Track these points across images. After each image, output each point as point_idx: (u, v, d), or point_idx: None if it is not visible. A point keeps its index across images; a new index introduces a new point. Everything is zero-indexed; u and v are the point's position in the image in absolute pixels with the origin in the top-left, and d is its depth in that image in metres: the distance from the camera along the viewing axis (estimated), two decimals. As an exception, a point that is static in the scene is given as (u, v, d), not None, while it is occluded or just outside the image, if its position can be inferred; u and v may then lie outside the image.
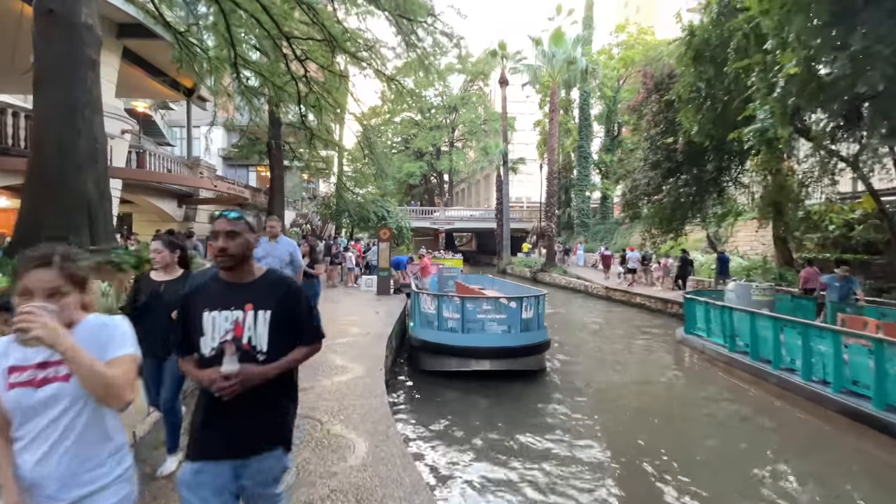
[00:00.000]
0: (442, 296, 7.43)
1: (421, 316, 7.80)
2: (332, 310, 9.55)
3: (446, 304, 7.28)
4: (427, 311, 7.62)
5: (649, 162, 12.14)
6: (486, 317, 7.13)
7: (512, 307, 7.19)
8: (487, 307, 7.17)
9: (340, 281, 15.66)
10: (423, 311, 7.75)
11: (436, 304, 7.37)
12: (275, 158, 22.08)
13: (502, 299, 7.24)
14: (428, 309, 7.59)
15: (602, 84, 29.41)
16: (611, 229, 29.74)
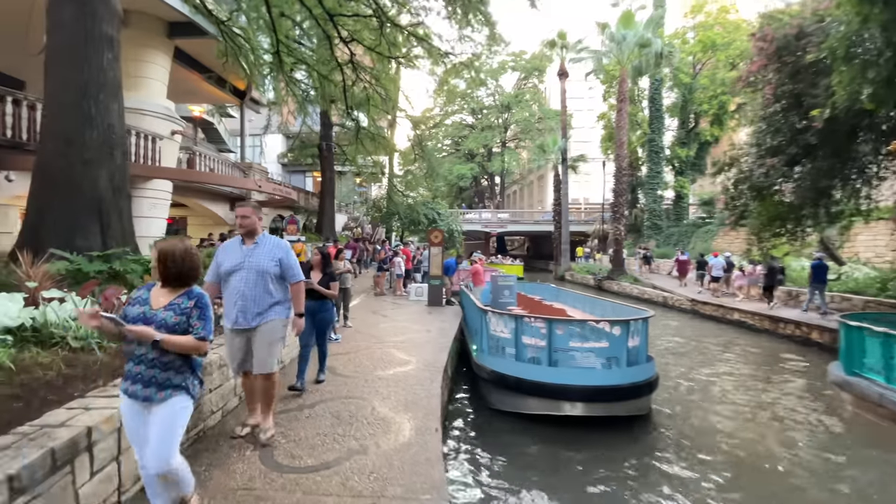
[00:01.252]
0: (521, 317, 5.74)
1: (489, 340, 6.17)
2: (375, 326, 8.15)
3: (527, 327, 5.59)
4: (499, 335, 5.98)
5: (766, 147, 9.75)
6: (581, 346, 5.34)
7: (615, 334, 5.36)
8: (583, 333, 5.38)
9: (389, 288, 14.39)
10: (492, 334, 6.10)
11: (512, 328, 5.70)
12: (325, 161, 21.51)
13: (603, 324, 5.42)
14: (500, 332, 5.95)
15: (677, 70, 26.37)
16: (687, 232, 26.53)
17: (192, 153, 14.91)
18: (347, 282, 7.88)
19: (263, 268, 3.19)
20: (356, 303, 10.87)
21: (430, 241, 11.05)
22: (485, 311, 6.34)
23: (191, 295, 2.21)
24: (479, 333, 6.73)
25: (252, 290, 3.16)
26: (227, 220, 18.58)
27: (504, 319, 5.96)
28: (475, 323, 7.43)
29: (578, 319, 5.66)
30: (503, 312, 6.17)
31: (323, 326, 4.73)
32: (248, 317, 3.18)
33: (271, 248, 3.27)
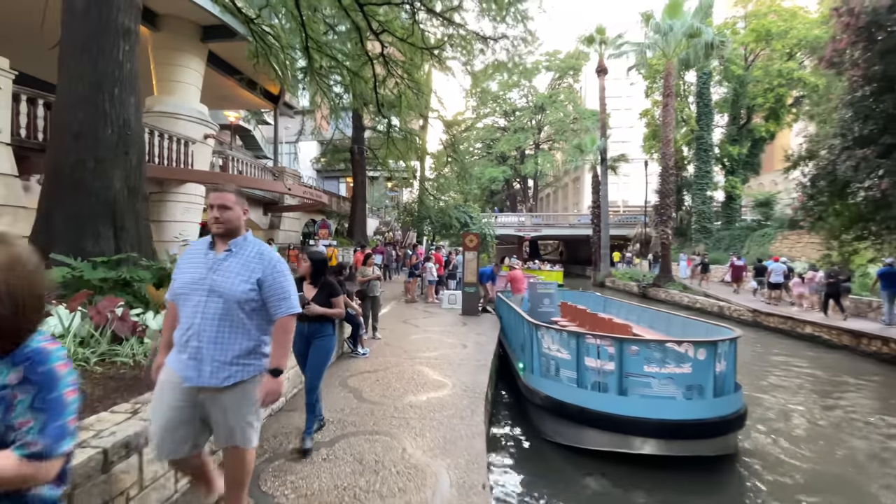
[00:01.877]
0: (583, 335, 4.84)
1: (541, 359, 5.29)
2: (405, 338, 7.42)
3: (590, 348, 4.69)
4: (554, 355, 5.11)
5: (854, 137, 8.40)
6: (658, 371, 4.40)
7: (699, 358, 4.38)
8: (661, 356, 4.44)
9: (420, 295, 13.71)
10: (545, 353, 5.23)
11: (573, 348, 4.81)
12: (357, 165, 21.20)
13: (685, 346, 4.45)
14: (556, 351, 5.07)
15: (728, 62, 24.55)
16: (740, 236, 24.54)
17: (226, 157, 14.82)
18: (376, 289, 7.22)
19: (231, 291, 1.94)
20: (386, 311, 10.22)
21: (465, 246, 10.27)
22: (536, 327, 5.48)
23: (16, 360, 1.09)
24: (526, 350, 5.87)
25: (211, 326, 1.95)
26: (260, 224, 18.52)
27: (561, 337, 5.07)
28: (520, 337, 6.57)
29: (656, 340, 4.68)
30: (560, 329, 5.27)
31: (319, 359, 3.39)
32: (205, 369, 1.95)
33: (249, 259, 2.00)
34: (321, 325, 3.42)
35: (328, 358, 3.47)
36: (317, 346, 3.39)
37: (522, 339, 6.29)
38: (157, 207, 12.82)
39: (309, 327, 3.36)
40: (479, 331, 8.36)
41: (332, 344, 3.53)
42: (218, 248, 2.04)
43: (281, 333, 2.05)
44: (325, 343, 3.44)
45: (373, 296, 7.13)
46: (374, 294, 7.15)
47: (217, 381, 1.94)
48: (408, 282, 12.48)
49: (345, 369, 5.49)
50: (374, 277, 7.17)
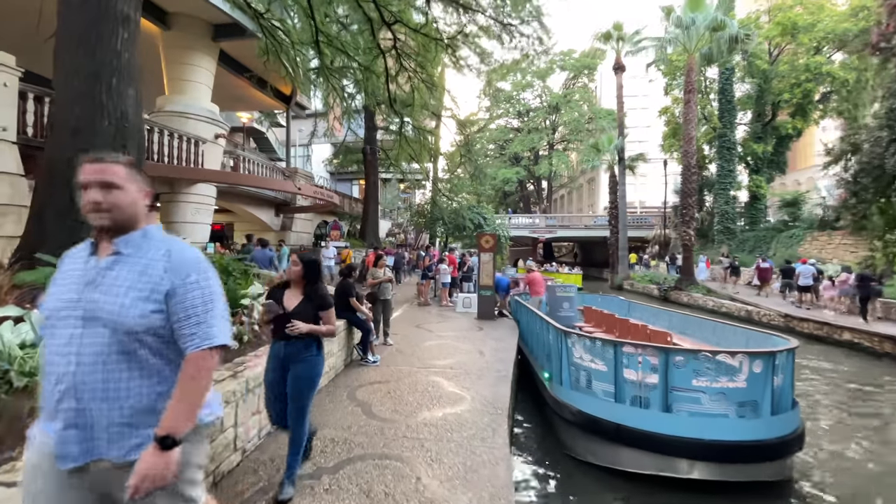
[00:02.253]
0: (621, 344, 4.34)
1: (571, 370, 4.80)
2: (419, 345, 6.98)
3: (630, 358, 4.19)
4: (586, 366, 4.61)
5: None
6: (708, 385, 3.88)
7: (755, 371, 3.85)
8: (711, 368, 3.91)
9: (433, 297, 13.27)
10: (576, 364, 4.74)
11: (610, 358, 4.30)
12: (370, 165, 20.93)
13: (740, 357, 3.92)
14: (588, 362, 4.58)
15: (752, 56, 23.65)
16: (766, 237, 23.56)
17: (236, 157, 14.64)
18: (388, 292, 6.80)
19: (120, 316, 1.28)
20: (398, 314, 9.80)
21: (480, 247, 9.81)
22: (565, 334, 4.99)
23: None
24: (553, 359, 5.38)
25: (94, 373, 1.28)
26: (271, 225, 18.33)
27: (595, 346, 4.57)
28: (544, 344, 6.09)
29: (706, 350, 4.14)
30: (595, 337, 4.75)
31: (302, 388, 2.64)
32: (97, 438, 1.29)
33: (149, 265, 1.34)
34: (304, 345, 2.67)
35: (314, 385, 2.72)
36: (298, 373, 2.64)
37: (547, 346, 5.80)
38: (168, 208, 12.66)
39: (286, 347, 2.65)
40: (496, 336, 7.87)
41: (319, 368, 2.76)
42: (101, 251, 1.35)
43: (188, 381, 1.30)
44: (309, 368, 2.68)
45: (384, 299, 6.72)
46: (385, 297, 6.73)
47: (120, 452, 1.28)
48: (420, 284, 12.06)
49: (354, 379, 5.08)
50: (386, 279, 6.76)
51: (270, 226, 18.12)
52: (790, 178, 33.02)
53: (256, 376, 3.29)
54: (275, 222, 18.32)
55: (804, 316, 13.06)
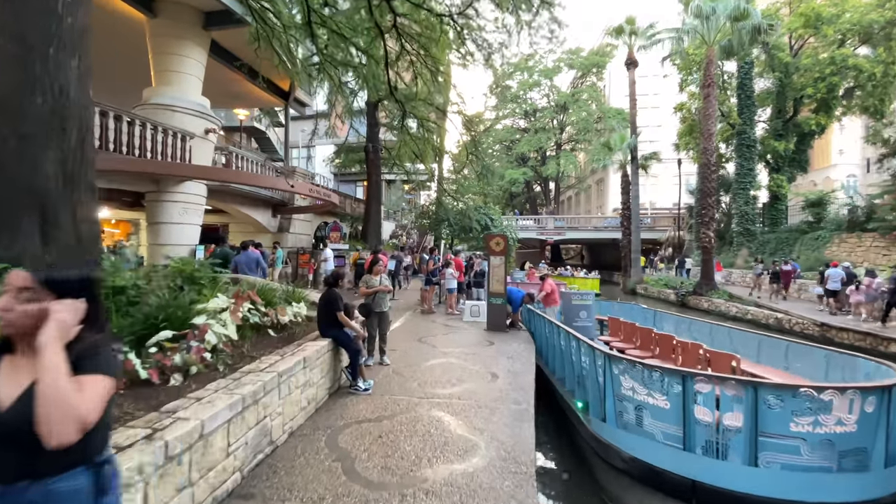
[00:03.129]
0: (690, 376, 3.33)
1: (617, 402, 3.80)
2: (420, 364, 6.00)
3: (705, 394, 3.18)
4: (641, 400, 3.61)
5: None
6: (809, 431, 2.88)
7: (868, 411, 2.86)
8: (812, 408, 2.91)
9: (439, 304, 12.30)
10: (625, 396, 3.75)
11: (676, 393, 3.31)
12: (372, 164, 20.00)
13: (850, 394, 2.90)
14: (643, 395, 3.59)
15: (774, 49, 22.51)
16: (788, 239, 22.35)
17: (229, 154, 13.77)
18: (385, 303, 5.83)
19: None
20: (397, 325, 8.83)
21: (490, 249, 8.82)
22: (610, 359, 3.99)
23: None
24: (591, 387, 4.42)
25: None
26: (269, 227, 17.45)
27: (655, 377, 3.55)
28: (572, 365, 5.12)
29: (808, 386, 3.11)
30: (654, 366, 3.72)
31: None
32: None
33: None
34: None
35: None
36: None
37: (578, 368, 4.83)
38: (154, 208, 11.80)
39: None
40: (510, 353, 6.87)
41: None
42: None
43: None
44: None
45: (380, 311, 5.75)
46: (381, 309, 5.76)
47: None
48: (424, 290, 11.08)
49: (338, 415, 4.11)
50: (383, 289, 5.78)
51: (267, 227, 17.24)
52: (806, 179, 31.72)
53: (188, 435, 2.32)
54: (271, 224, 17.44)
55: (844, 325, 11.93)
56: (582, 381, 4.83)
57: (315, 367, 4.22)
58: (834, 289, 13.90)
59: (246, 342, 4.10)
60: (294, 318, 5.06)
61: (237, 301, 4.41)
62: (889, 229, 16.52)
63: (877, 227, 16.93)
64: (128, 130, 10.59)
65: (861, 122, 31.23)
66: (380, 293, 5.74)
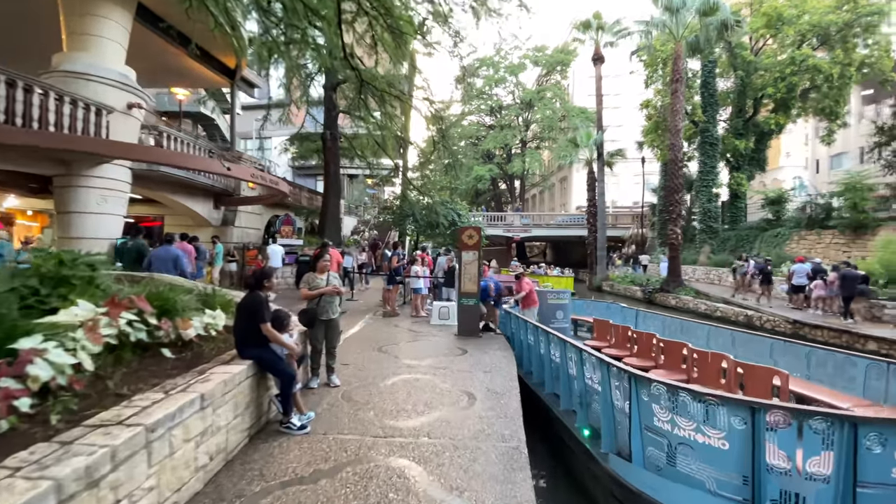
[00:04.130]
0: (762, 408, 2.37)
1: (645, 437, 2.82)
2: (377, 383, 4.84)
3: (781, 434, 2.22)
4: (683, 436, 2.62)
5: None
6: None
7: None
8: None
9: (403, 304, 11.12)
10: (658, 430, 2.75)
11: (741, 429, 2.37)
12: (330, 152, 18.44)
13: None
14: (687, 430, 2.60)
15: (737, 47, 22.77)
16: (748, 236, 22.72)
17: (159, 133, 11.94)
18: (333, 310, 4.60)
19: None
20: (355, 331, 7.60)
21: (462, 244, 7.73)
22: (635, 379, 2.99)
23: None
24: (604, 413, 3.45)
25: None
26: (210, 219, 15.61)
27: (707, 407, 2.55)
28: (569, 378, 4.11)
29: None
30: (706, 394, 2.71)
31: None
32: None
33: None
34: None
35: None
36: None
37: (582, 386, 3.84)
38: (65, 196, 9.93)
39: None
40: (487, 364, 5.81)
41: None
42: None
43: None
44: None
45: (326, 319, 4.52)
46: (328, 316, 4.53)
47: None
48: (387, 290, 9.86)
49: (257, 472, 2.88)
50: (330, 291, 4.54)
51: (208, 220, 15.39)
52: (755, 180, 32.81)
53: None
54: (214, 216, 15.60)
55: (816, 322, 11.75)
56: (586, 401, 3.85)
57: (223, 404, 2.97)
58: (800, 284, 14.05)
59: (117, 372, 2.80)
60: (206, 330, 3.76)
61: (111, 310, 3.08)
62: (846, 227, 16.88)
63: (837, 225, 17.27)
64: (24, 100, 8.71)
65: (810, 125, 32.61)
66: (326, 296, 4.50)
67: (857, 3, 19.94)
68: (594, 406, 4.12)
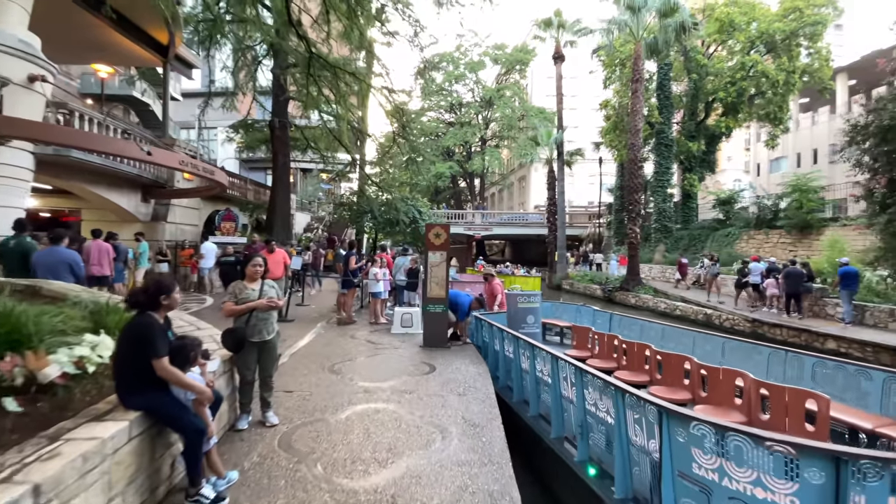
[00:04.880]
0: (848, 457, 1.76)
1: (678, 485, 2.16)
2: (329, 418, 3.89)
3: (872, 489, 1.63)
4: (724, 485, 1.89)
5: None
6: None
7: None
8: None
9: (360, 308, 10.09)
10: (699, 478, 2.07)
11: (816, 485, 1.76)
12: (279, 141, 16.92)
13: None
14: (735, 480, 1.92)
15: (692, 50, 23.34)
16: (700, 235, 23.39)
17: (69, 113, 10.14)
18: (268, 328, 3.57)
19: None
20: (302, 345, 6.54)
21: (428, 243, 6.86)
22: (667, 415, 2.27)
23: None
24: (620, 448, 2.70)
25: None
26: (137, 214, 13.76)
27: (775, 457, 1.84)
28: (560, 400, 3.40)
29: None
30: (773, 440, 1.99)
31: None
32: None
33: None
34: None
35: None
36: None
37: (582, 416, 3.11)
38: (-58, 183, 8.14)
39: None
40: (459, 383, 4.98)
41: None
42: None
43: None
44: None
45: (260, 342, 3.50)
46: (262, 338, 3.50)
47: None
48: (342, 294, 8.80)
49: None
50: (264, 305, 3.51)
51: (136, 215, 13.56)
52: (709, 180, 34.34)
53: None
54: (142, 210, 13.77)
55: (775, 321, 11.90)
56: (586, 430, 3.13)
57: (83, 490, 1.94)
58: (755, 282, 14.35)
59: None
60: (79, 366, 2.66)
61: None
62: (793, 227, 17.58)
63: (784, 225, 17.96)
64: None
65: (752, 130, 34.43)
66: (259, 312, 3.48)
67: (802, 13, 20.90)
68: (595, 436, 3.42)
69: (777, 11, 21.78)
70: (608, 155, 29.48)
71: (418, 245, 19.68)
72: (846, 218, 16.43)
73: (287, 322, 8.08)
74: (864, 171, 8.07)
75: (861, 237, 14.50)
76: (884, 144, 7.15)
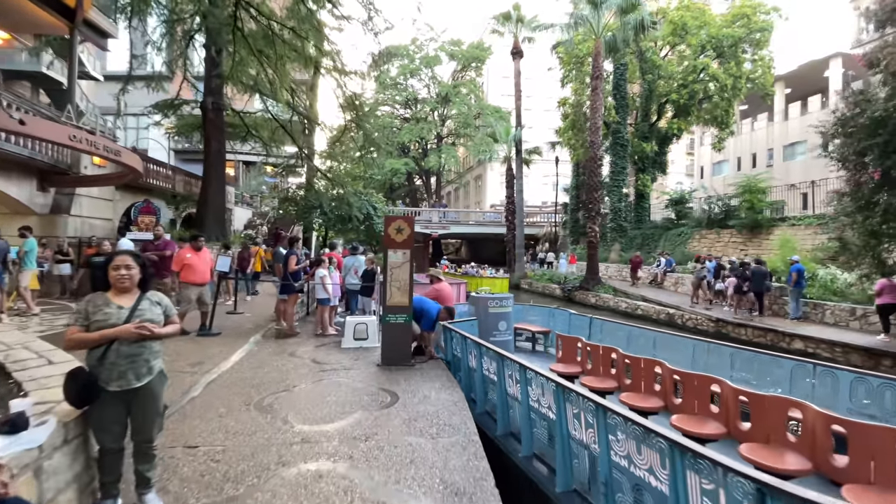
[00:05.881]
0: None
1: None
2: (254, 489, 2.64)
3: None
4: None
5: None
6: None
7: None
8: None
9: (305, 316, 8.70)
10: None
11: None
12: (212, 125, 14.91)
13: None
14: None
15: (647, 50, 23.59)
16: (653, 235, 23.75)
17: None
18: (138, 369, 2.27)
19: None
20: (229, 367, 5.16)
21: (388, 240, 5.68)
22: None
23: None
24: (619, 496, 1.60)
25: None
26: (32, 206, 11.45)
27: None
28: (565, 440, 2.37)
29: None
30: None
31: None
32: None
33: None
34: None
35: None
36: None
37: (605, 469, 2.10)
38: None
39: None
40: (429, 417, 3.88)
41: None
42: None
43: None
44: None
45: (123, 391, 2.21)
46: (129, 385, 2.21)
47: None
48: (281, 301, 7.40)
49: None
50: (127, 333, 2.21)
51: (30, 206, 11.26)
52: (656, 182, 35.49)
53: None
54: (38, 201, 11.47)
55: (741, 321, 11.78)
56: (611, 488, 2.16)
57: None
58: (707, 279, 14.64)
59: None
60: None
61: None
62: (744, 226, 18.03)
63: (735, 224, 18.38)
64: None
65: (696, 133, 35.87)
66: (123, 343, 2.21)
67: (749, 19, 21.62)
68: (621, 496, 2.44)
69: (726, 17, 22.45)
70: (564, 155, 29.44)
71: (373, 244, 18.30)
72: (794, 218, 16.97)
73: (211, 336, 6.59)
74: (851, 166, 7.83)
75: (811, 236, 14.96)
76: (876, 137, 6.87)
